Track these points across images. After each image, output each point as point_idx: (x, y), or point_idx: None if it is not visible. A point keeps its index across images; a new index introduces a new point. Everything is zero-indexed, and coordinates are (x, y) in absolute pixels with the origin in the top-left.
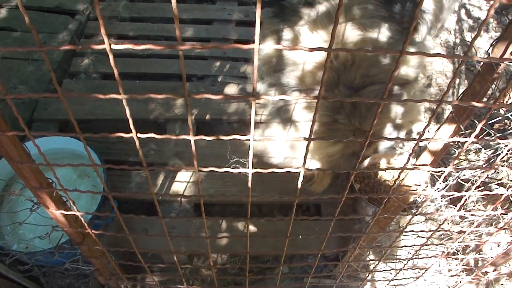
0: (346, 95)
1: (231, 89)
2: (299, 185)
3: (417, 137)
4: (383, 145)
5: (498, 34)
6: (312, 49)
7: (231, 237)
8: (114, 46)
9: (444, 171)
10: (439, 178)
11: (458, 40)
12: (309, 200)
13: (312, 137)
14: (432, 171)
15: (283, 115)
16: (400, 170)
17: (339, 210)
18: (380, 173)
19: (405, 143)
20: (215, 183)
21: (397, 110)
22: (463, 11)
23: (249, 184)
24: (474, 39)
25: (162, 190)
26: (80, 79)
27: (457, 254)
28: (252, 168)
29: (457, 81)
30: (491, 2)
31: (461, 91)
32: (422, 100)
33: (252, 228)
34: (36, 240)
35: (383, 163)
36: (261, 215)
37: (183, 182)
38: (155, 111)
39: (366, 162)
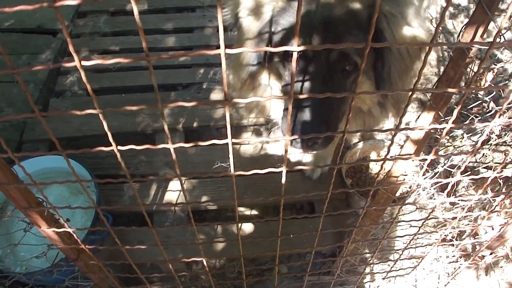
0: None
1: (217, 95)
2: (282, 182)
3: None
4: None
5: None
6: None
7: (222, 241)
8: (84, 63)
9: (427, 159)
10: (425, 166)
11: (440, 28)
12: (296, 199)
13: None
14: (415, 159)
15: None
16: (382, 162)
17: (332, 206)
18: (371, 166)
19: (396, 138)
20: (207, 189)
21: None
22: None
23: (234, 187)
24: (437, 26)
25: (156, 200)
26: (66, 97)
27: (453, 240)
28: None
29: (442, 68)
30: None
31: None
32: (396, 91)
33: (247, 230)
34: (34, 260)
35: (373, 156)
36: (255, 217)
37: (175, 191)
38: (143, 123)
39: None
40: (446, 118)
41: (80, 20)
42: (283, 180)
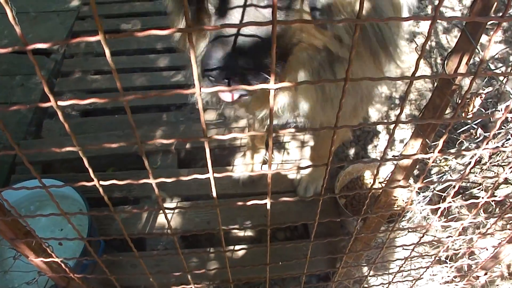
0: None
1: (210, 115)
2: (268, 207)
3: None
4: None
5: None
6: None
7: (212, 269)
8: (60, 103)
9: (414, 187)
10: (414, 192)
11: (433, 43)
12: (285, 225)
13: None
14: (403, 187)
15: None
16: (369, 191)
17: (325, 227)
18: (365, 186)
19: (389, 154)
20: (200, 212)
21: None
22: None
23: (219, 218)
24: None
25: (148, 223)
26: (58, 118)
27: (447, 261)
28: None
29: (435, 84)
30: (464, 2)
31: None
32: (378, 123)
33: (240, 253)
34: (25, 286)
35: (367, 175)
36: (250, 239)
37: (168, 213)
38: (133, 146)
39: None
40: (433, 144)
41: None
42: (268, 207)
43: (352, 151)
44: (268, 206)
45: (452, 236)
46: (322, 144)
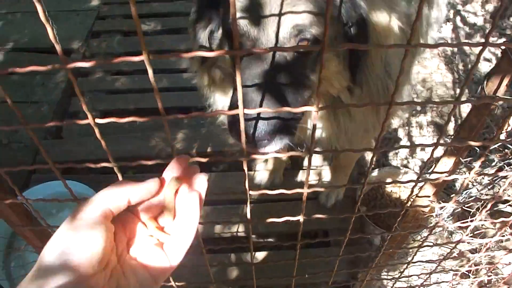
0: None
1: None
2: (301, 221)
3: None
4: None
5: (496, 39)
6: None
7: (235, 269)
8: (98, 120)
9: (446, 206)
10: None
11: (455, 49)
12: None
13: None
14: (434, 205)
15: None
16: (403, 209)
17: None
18: (386, 194)
19: (410, 161)
20: (221, 216)
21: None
22: (458, 18)
23: (248, 215)
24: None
25: None
26: (79, 118)
27: (470, 275)
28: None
29: (457, 91)
30: (487, 7)
31: (463, 108)
32: (419, 145)
33: (260, 257)
34: None
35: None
36: (270, 245)
37: None
38: (157, 147)
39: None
40: (467, 162)
41: (94, 40)
42: (301, 221)
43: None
44: (301, 220)
45: (478, 252)
46: (343, 155)
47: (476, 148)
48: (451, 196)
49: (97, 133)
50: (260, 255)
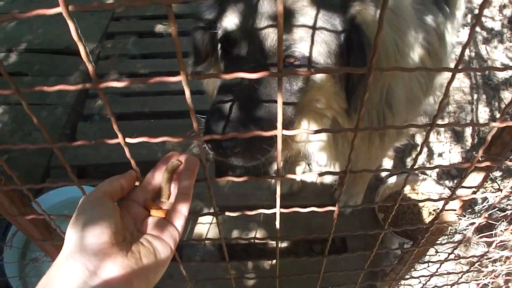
0: None
1: None
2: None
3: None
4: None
5: None
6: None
7: (253, 277)
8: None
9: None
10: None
11: (473, 54)
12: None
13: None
14: (460, 218)
15: None
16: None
17: (364, 242)
18: (404, 200)
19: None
20: (238, 223)
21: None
22: (469, 17)
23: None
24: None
25: (186, 232)
26: (94, 121)
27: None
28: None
29: (475, 96)
30: (504, 12)
31: (480, 107)
32: (453, 166)
33: (282, 264)
34: None
35: (406, 189)
36: (286, 251)
37: (205, 223)
38: (171, 150)
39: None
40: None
41: (108, 41)
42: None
43: (390, 164)
44: (336, 212)
45: (498, 261)
46: (357, 164)
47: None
48: (475, 208)
49: (127, 153)
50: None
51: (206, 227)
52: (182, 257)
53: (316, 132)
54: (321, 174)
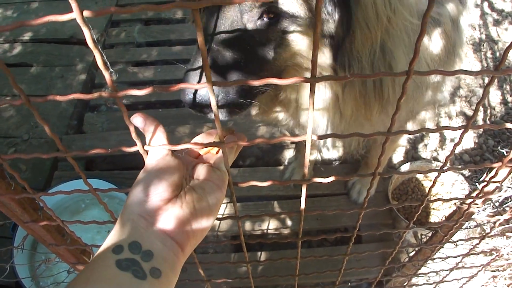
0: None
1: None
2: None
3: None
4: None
5: None
6: None
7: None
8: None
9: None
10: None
11: (483, 36)
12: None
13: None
14: (485, 218)
15: None
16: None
17: (377, 232)
18: (418, 189)
19: (440, 153)
20: (249, 213)
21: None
22: (486, 4)
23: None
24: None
25: None
26: (101, 111)
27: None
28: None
29: (486, 79)
30: None
31: (491, 91)
32: (481, 166)
33: (289, 255)
34: None
35: (420, 178)
36: (292, 239)
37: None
38: (181, 140)
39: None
40: None
41: (113, 29)
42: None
43: (402, 150)
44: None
45: None
46: (374, 153)
47: None
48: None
49: (145, 157)
50: (290, 253)
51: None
52: (195, 252)
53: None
54: (350, 177)
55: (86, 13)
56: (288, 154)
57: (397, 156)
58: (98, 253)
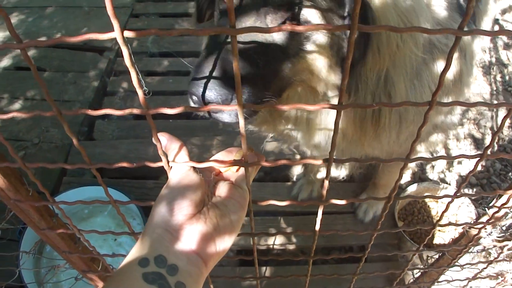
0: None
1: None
2: None
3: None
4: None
5: None
6: None
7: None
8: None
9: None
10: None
11: (493, 59)
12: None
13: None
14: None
15: None
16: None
17: (382, 251)
18: (424, 210)
19: (447, 175)
20: (257, 228)
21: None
22: (496, 27)
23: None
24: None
25: None
26: (112, 119)
27: None
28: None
29: (495, 102)
30: None
31: (500, 113)
32: (493, 193)
33: (295, 271)
34: None
35: (427, 199)
36: (304, 257)
37: None
38: (191, 153)
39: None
40: None
41: (126, 39)
42: None
43: (409, 171)
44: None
45: None
46: (383, 173)
47: None
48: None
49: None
50: (296, 269)
51: None
52: None
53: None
54: (361, 200)
55: (127, 33)
56: (296, 170)
57: (405, 176)
58: (124, 265)
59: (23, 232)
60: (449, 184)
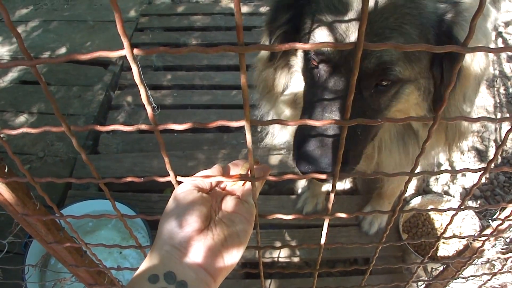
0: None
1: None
2: None
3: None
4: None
5: None
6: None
7: None
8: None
9: None
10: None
11: (497, 72)
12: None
13: None
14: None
15: None
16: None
17: (388, 263)
18: (428, 222)
19: (451, 187)
20: (262, 241)
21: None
22: (500, 40)
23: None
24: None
25: None
26: (117, 133)
27: None
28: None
29: (499, 115)
30: None
31: (503, 126)
32: (498, 206)
33: (300, 284)
34: None
35: (431, 212)
36: (309, 269)
37: None
38: (197, 166)
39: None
40: None
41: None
42: None
43: (413, 183)
44: None
45: None
46: (389, 185)
47: None
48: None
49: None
50: (301, 282)
51: None
52: None
53: None
54: (367, 213)
55: (136, 51)
56: (301, 183)
57: (409, 189)
58: (133, 280)
59: (29, 245)
60: (453, 197)
